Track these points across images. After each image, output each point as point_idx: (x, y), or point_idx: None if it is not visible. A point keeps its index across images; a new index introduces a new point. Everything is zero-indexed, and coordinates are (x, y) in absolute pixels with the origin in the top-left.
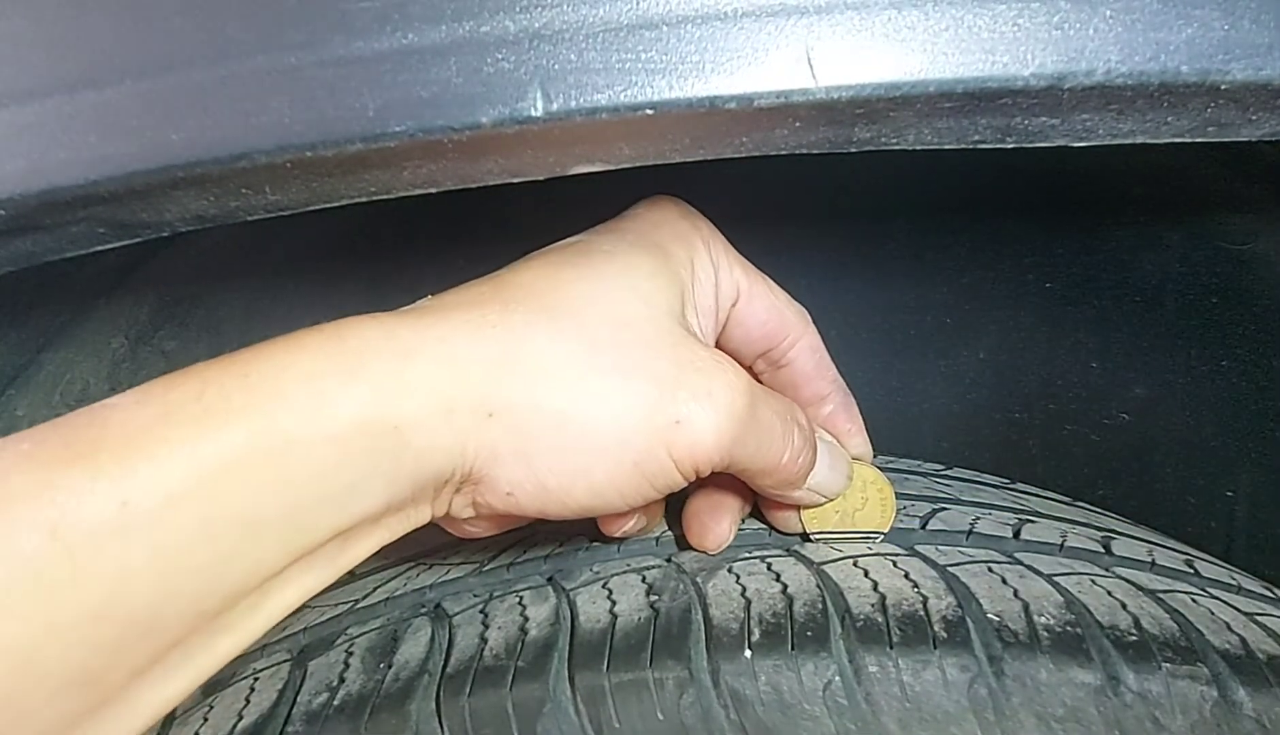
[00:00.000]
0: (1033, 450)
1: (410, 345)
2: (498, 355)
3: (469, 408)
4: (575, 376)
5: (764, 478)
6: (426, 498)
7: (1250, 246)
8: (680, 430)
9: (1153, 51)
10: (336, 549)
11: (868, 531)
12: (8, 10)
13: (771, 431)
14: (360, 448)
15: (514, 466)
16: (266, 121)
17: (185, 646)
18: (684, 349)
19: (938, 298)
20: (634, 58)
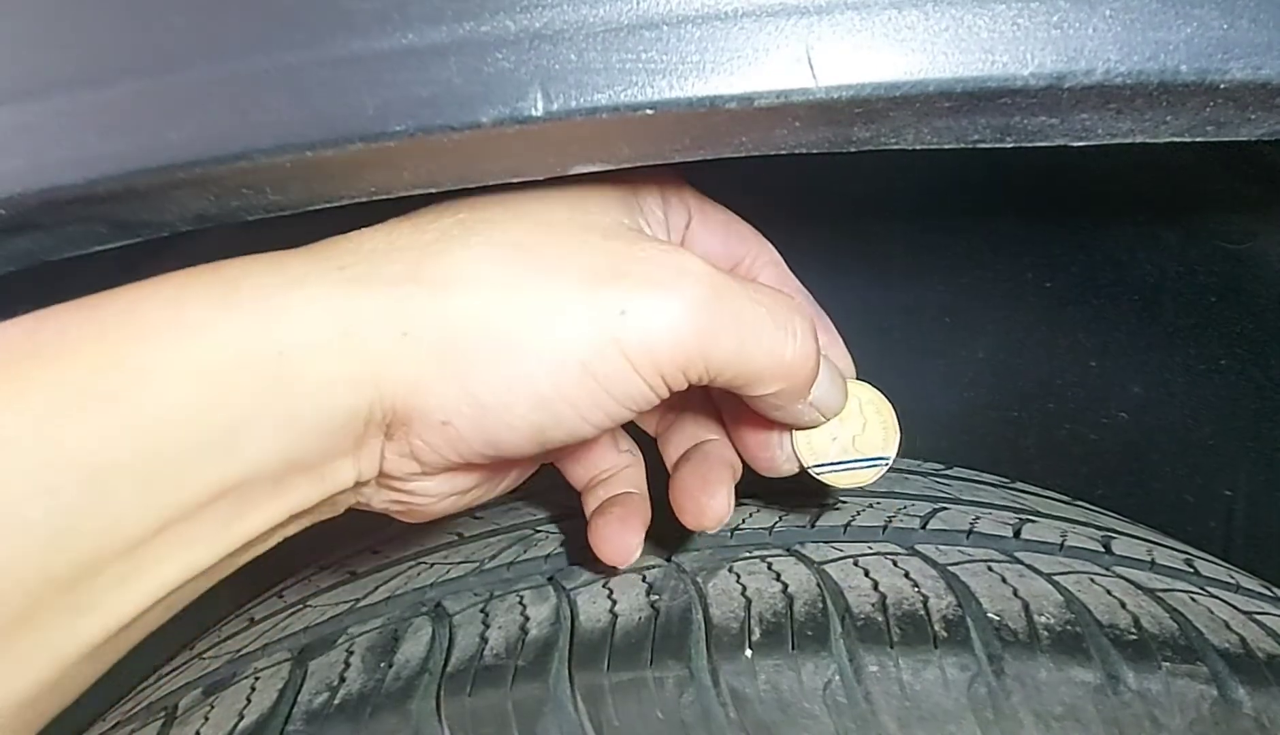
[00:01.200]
0: (1032, 449)
1: (299, 273)
2: (406, 271)
3: (375, 328)
4: (498, 279)
5: (762, 384)
6: (343, 449)
7: (1249, 246)
8: (628, 322)
9: (1152, 51)
10: (228, 513)
11: (872, 458)
12: (8, 10)
13: (758, 324)
14: (237, 383)
15: (444, 388)
16: (266, 121)
17: (36, 625)
18: (623, 242)
19: (936, 298)
20: (634, 58)
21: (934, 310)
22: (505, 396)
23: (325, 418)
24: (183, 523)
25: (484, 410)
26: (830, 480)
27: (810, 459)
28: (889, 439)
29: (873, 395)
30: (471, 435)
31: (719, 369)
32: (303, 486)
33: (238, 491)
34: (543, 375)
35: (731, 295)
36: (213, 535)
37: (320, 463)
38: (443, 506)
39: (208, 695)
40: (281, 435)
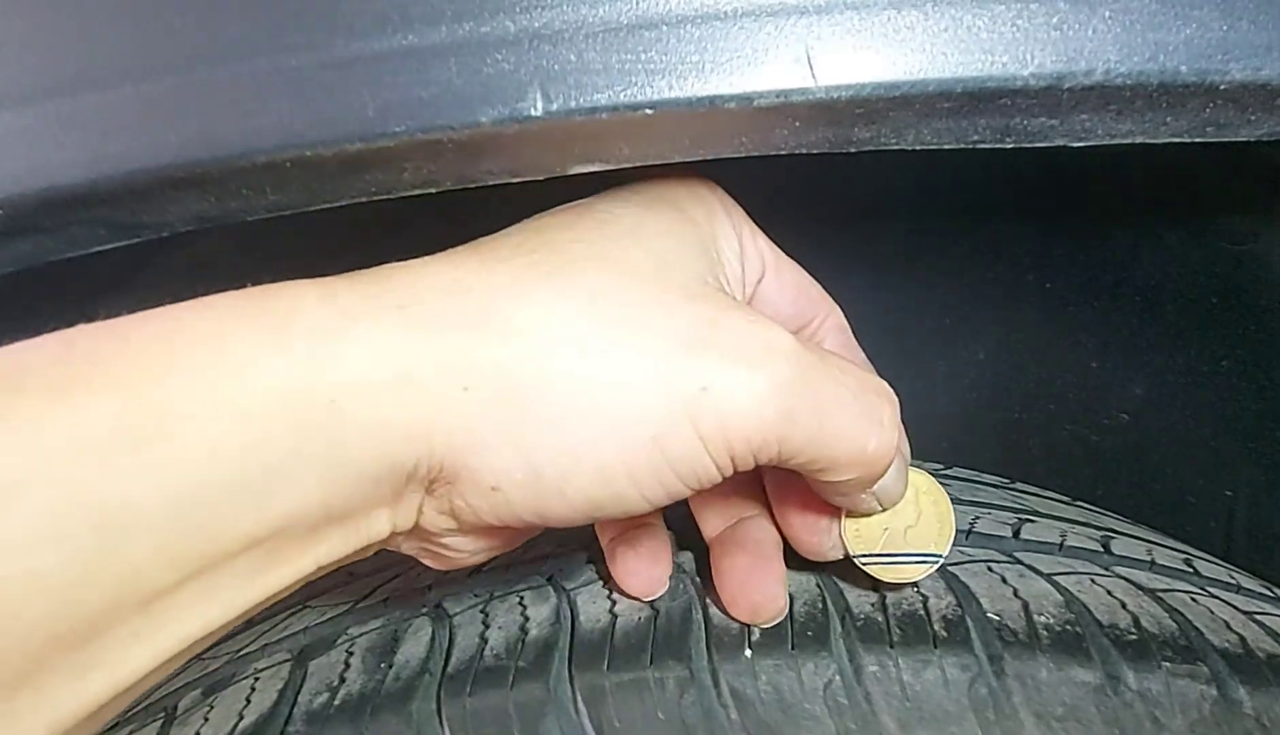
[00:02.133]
0: (1032, 450)
1: (355, 309)
2: (474, 317)
3: (435, 376)
4: (572, 336)
5: (833, 471)
6: (383, 500)
7: (1250, 246)
8: (708, 399)
9: (1151, 52)
10: (256, 565)
11: (923, 555)
12: (8, 10)
13: (842, 410)
14: (281, 428)
15: (499, 451)
16: (267, 121)
17: (36, 686)
18: (709, 306)
19: (937, 298)
20: (634, 58)
21: (934, 310)
22: (565, 466)
23: (370, 468)
24: (206, 576)
25: (538, 479)
26: (875, 573)
27: (858, 548)
28: (944, 535)
29: (929, 485)
30: (520, 503)
31: (793, 453)
32: (336, 538)
33: (269, 542)
34: (609, 447)
35: (818, 377)
36: (236, 589)
37: (357, 514)
38: (471, 559)
39: (207, 695)
40: (323, 485)
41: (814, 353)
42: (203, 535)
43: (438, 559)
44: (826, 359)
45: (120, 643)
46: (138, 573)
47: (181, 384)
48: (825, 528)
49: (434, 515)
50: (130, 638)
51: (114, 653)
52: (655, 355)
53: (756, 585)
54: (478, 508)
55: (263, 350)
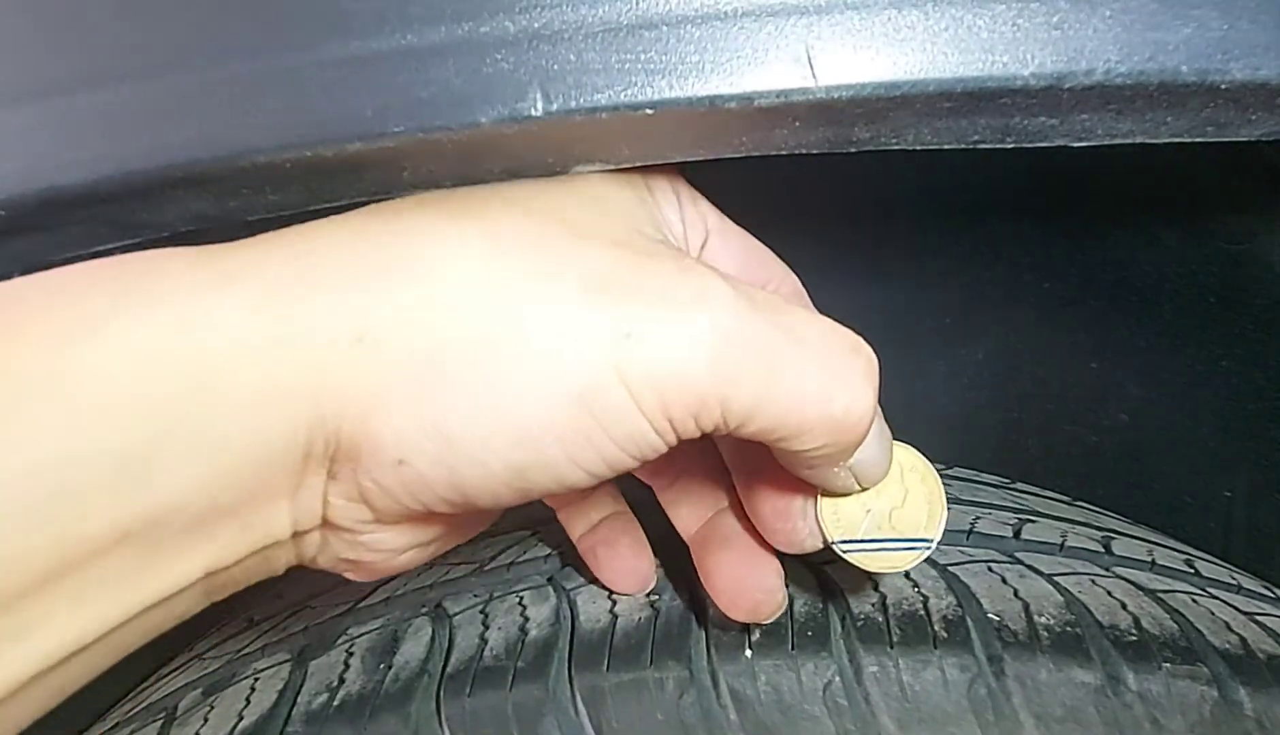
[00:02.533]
0: (1031, 450)
1: (234, 268)
2: (371, 264)
3: (324, 331)
4: (483, 282)
5: (796, 439)
6: (278, 489)
7: (1248, 246)
8: (633, 348)
9: (1151, 51)
10: (130, 564)
11: (911, 540)
12: (8, 10)
13: (798, 363)
14: (146, 398)
15: (402, 414)
16: (266, 121)
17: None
18: (636, 250)
19: (936, 298)
20: (634, 58)
21: (934, 310)
22: (480, 428)
23: (256, 447)
24: (72, 576)
25: (451, 446)
26: (858, 561)
27: (837, 533)
28: (933, 517)
29: (916, 461)
30: (434, 477)
31: (742, 417)
32: (226, 534)
33: (144, 535)
34: (529, 404)
35: (766, 327)
36: (112, 590)
37: (248, 504)
38: (401, 561)
39: (207, 696)
40: (201, 463)
41: (763, 301)
42: (62, 528)
43: (360, 567)
44: (780, 309)
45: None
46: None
47: (28, 351)
48: (799, 511)
49: (343, 505)
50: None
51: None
52: (574, 302)
53: (751, 582)
54: (388, 487)
55: (123, 313)
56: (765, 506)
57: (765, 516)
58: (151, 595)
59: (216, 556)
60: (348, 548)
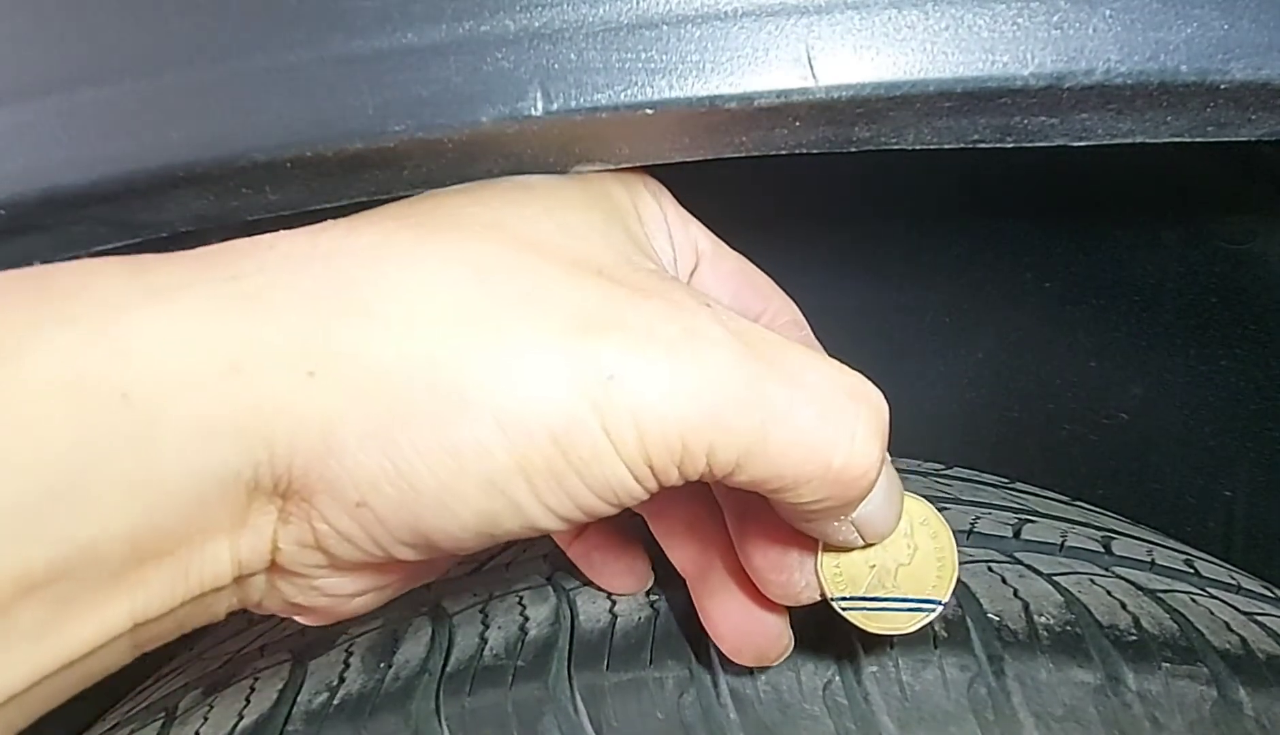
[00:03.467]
0: (1031, 450)
1: (167, 282)
2: (327, 288)
3: (272, 362)
4: (453, 310)
5: (792, 493)
6: (217, 526)
7: (1249, 246)
8: (615, 390)
9: (1152, 51)
10: (40, 617)
11: (917, 601)
12: (8, 10)
13: (793, 411)
14: (61, 431)
15: (361, 454)
16: (266, 120)
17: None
18: (623, 282)
19: (936, 298)
20: (634, 57)
21: (934, 310)
22: (446, 473)
23: (192, 483)
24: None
25: (414, 490)
26: (857, 621)
27: (837, 589)
28: (943, 577)
29: (929, 515)
30: (395, 523)
31: (729, 466)
32: (156, 580)
33: (56, 585)
34: (500, 447)
35: (762, 370)
36: (16, 652)
37: (183, 547)
38: (355, 605)
39: (208, 695)
40: (128, 506)
41: (758, 338)
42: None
43: (312, 613)
44: (777, 346)
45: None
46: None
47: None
48: (795, 563)
49: (295, 549)
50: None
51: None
52: (554, 335)
53: (756, 629)
54: (346, 531)
55: (38, 331)
56: (758, 555)
57: (759, 566)
58: (67, 652)
59: (145, 606)
60: (298, 592)
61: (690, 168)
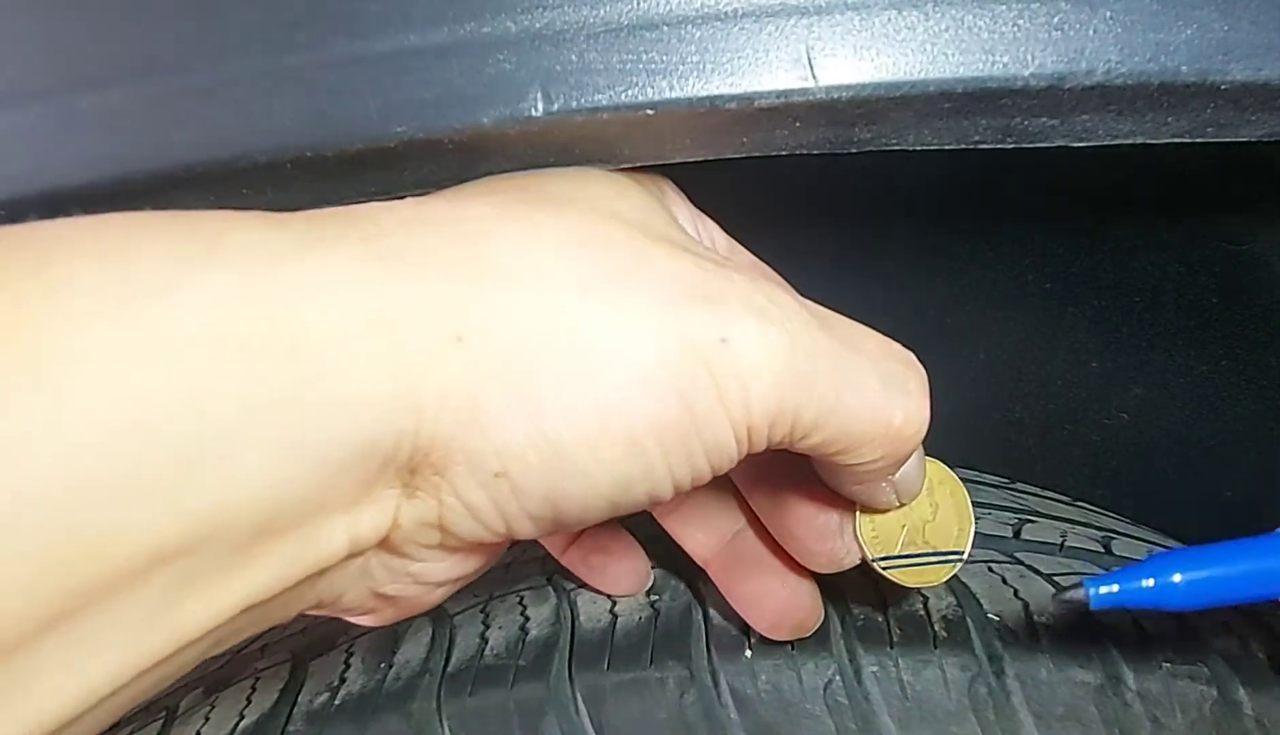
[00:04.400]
0: (1032, 450)
1: (315, 236)
2: (461, 254)
3: (422, 324)
4: (577, 279)
5: (855, 452)
6: (342, 498)
7: (1249, 246)
8: (727, 353)
9: (1152, 52)
10: (159, 599)
11: (944, 553)
12: (8, 10)
13: (860, 375)
14: (219, 377)
15: (507, 421)
16: (267, 122)
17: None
18: (706, 258)
19: (937, 298)
20: (634, 58)
21: (934, 310)
22: (591, 434)
23: (337, 449)
24: (84, 617)
25: (558, 455)
26: (897, 577)
27: (876, 550)
28: (964, 530)
29: (945, 475)
30: (530, 491)
31: (809, 427)
32: (274, 557)
33: (184, 558)
34: (638, 408)
35: (833, 338)
36: (127, 637)
37: (307, 520)
38: (432, 598)
39: (208, 695)
40: (271, 470)
41: (824, 314)
42: (84, 548)
43: (391, 604)
44: (839, 321)
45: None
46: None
47: (67, 310)
48: (837, 530)
49: (413, 527)
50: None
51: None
52: (669, 302)
53: (795, 602)
54: (475, 505)
55: (189, 269)
56: (802, 529)
57: (803, 538)
58: (174, 639)
59: (260, 587)
60: (390, 580)
61: (690, 168)
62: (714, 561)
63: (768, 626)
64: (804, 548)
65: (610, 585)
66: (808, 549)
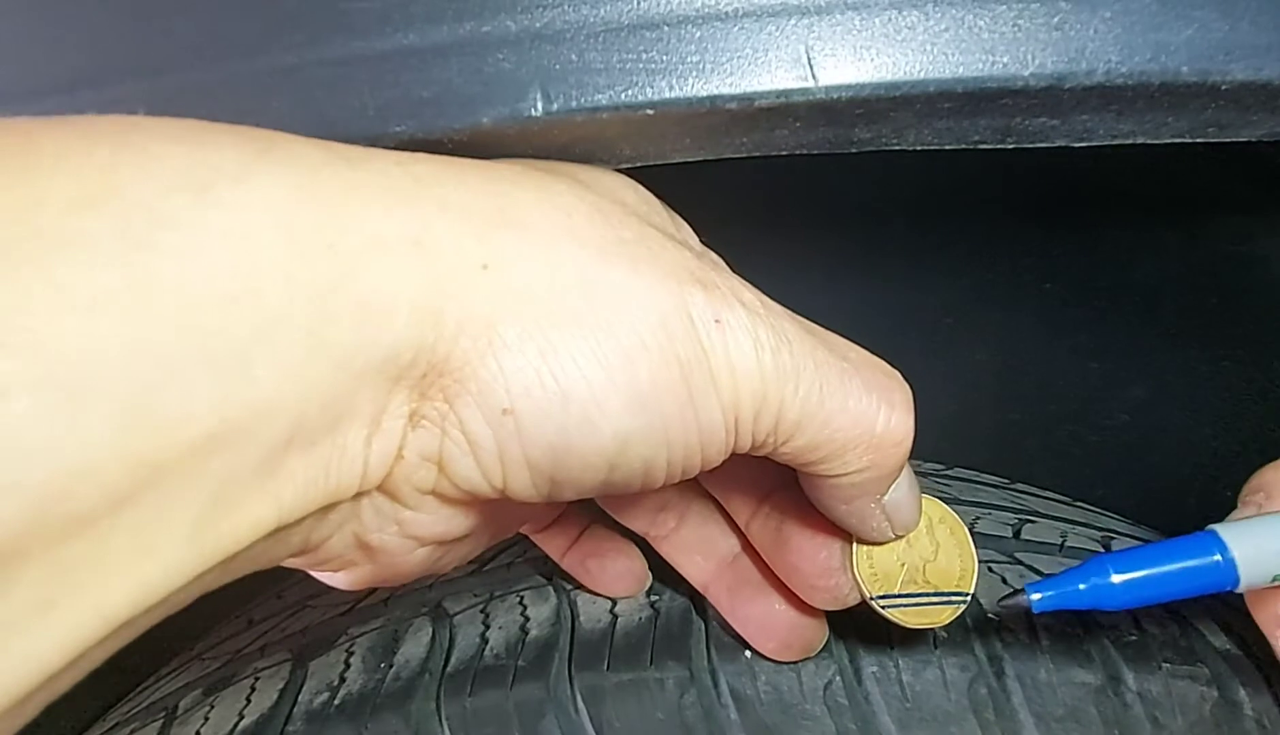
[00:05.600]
0: (1031, 450)
1: (354, 154)
2: (491, 190)
3: (451, 247)
4: (588, 241)
5: (839, 460)
6: (360, 418)
7: (1249, 247)
8: (721, 334)
9: (1153, 52)
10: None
11: (947, 593)
12: (8, 10)
13: (843, 380)
14: (271, 267)
15: (519, 354)
16: (266, 122)
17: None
18: (702, 254)
19: (936, 298)
20: (634, 58)
21: (934, 310)
22: (597, 380)
23: (360, 355)
24: (156, 491)
25: (564, 398)
26: (898, 617)
27: (876, 588)
28: (967, 569)
29: (945, 514)
30: (534, 434)
31: (793, 427)
32: (302, 473)
33: (227, 455)
34: (644, 364)
35: (817, 343)
36: (183, 530)
37: (329, 429)
38: (412, 561)
39: (208, 695)
40: (304, 366)
41: (808, 323)
42: (158, 414)
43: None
44: (825, 331)
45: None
46: (81, 464)
47: (153, 182)
48: (839, 566)
49: (414, 462)
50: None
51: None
52: (677, 278)
53: (803, 622)
54: (479, 441)
55: (261, 163)
56: (804, 564)
57: (804, 574)
58: (214, 550)
59: (289, 503)
60: (377, 525)
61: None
62: (714, 586)
63: (775, 648)
64: (806, 583)
65: (609, 586)
66: (810, 585)
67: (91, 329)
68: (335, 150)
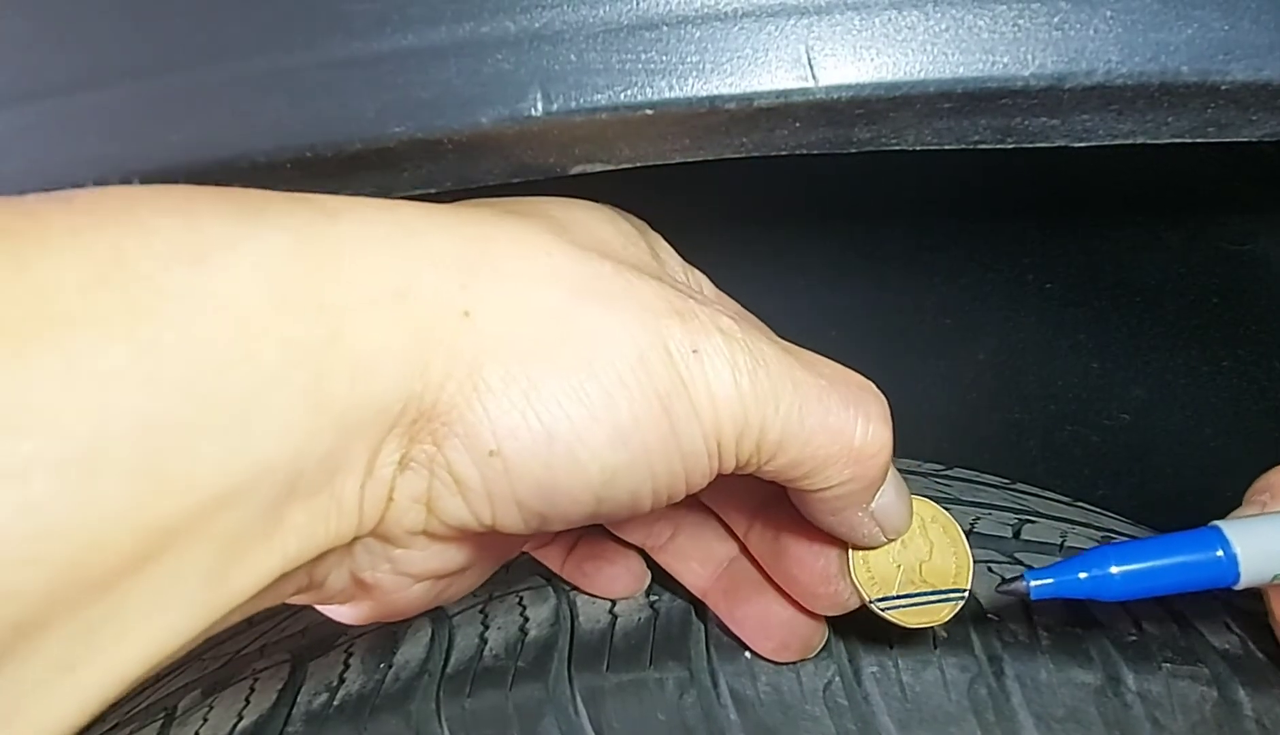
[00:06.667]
0: (1032, 450)
1: (339, 207)
2: (470, 235)
3: (433, 295)
4: (564, 283)
5: (821, 474)
6: (355, 468)
7: (1249, 247)
8: (699, 364)
9: (1153, 52)
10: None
11: (945, 591)
12: (8, 10)
13: (819, 396)
14: (265, 332)
15: (503, 398)
16: (266, 122)
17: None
18: (676, 285)
19: (937, 298)
20: (634, 58)
21: (934, 311)
22: (580, 420)
23: (354, 409)
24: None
25: (549, 438)
26: (897, 618)
27: (874, 592)
28: (962, 566)
29: (937, 513)
30: (521, 473)
31: (775, 446)
32: (304, 522)
33: (235, 512)
34: (624, 402)
35: (792, 363)
36: (193, 590)
37: (327, 484)
38: (410, 596)
39: (207, 696)
40: (303, 424)
41: (783, 343)
42: (168, 481)
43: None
44: (798, 349)
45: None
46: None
47: (154, 255)
48: (837, 572)
49: (405, 504)
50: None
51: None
52: (653, 312)
53: (802, 621)
54: (467, 482)
55: (242, 230)
56: (803, 573)
57: (804, 582)
58: (234, 595)
59: (293, 551)
60: (370, 564)
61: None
62: (712, 591)
63: (774, 648)
64: (806, 591)
65: (607, 587)
66: (810, 592)
67: (103, 403)
68: (319, 205)
